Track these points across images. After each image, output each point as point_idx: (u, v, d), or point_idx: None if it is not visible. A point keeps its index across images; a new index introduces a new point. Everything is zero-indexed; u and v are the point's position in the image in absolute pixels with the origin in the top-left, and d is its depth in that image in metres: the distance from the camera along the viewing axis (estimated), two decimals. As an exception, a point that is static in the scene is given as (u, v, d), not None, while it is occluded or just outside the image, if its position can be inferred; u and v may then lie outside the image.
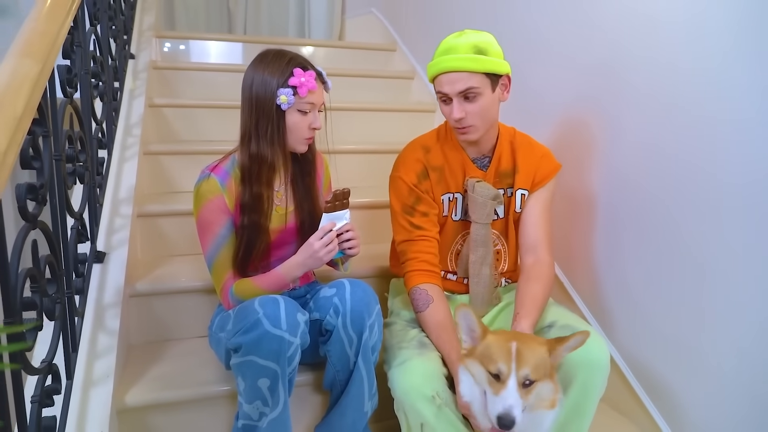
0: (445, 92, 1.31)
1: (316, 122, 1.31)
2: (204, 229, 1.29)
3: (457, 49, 1.29)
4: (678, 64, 1.40)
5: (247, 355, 1.12)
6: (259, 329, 1.11)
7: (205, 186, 1.28)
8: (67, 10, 1.20)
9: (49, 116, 1.11)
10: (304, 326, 1.16)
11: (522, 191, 1.44)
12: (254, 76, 1.27)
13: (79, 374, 1.26)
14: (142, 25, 2.76)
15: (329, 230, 1.25)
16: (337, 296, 1.25)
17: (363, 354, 1.25)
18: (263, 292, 1.27)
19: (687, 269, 1.39)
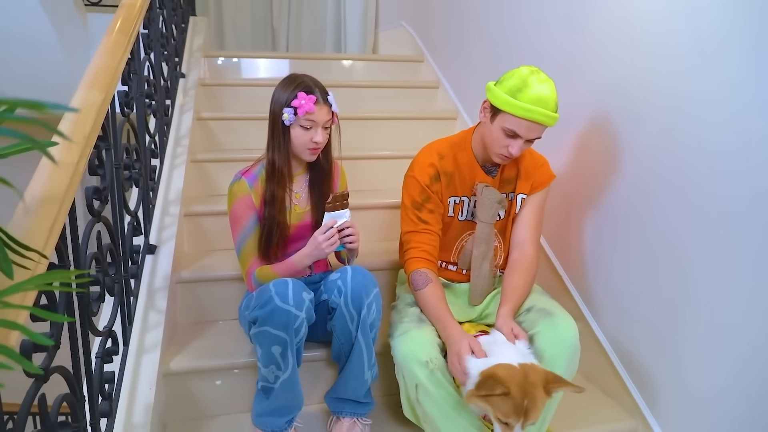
0: (519, 134, 1.42)
1: (317, 137, 1.50)
2: (234, 222, 1.55)
3: (547, 104, 1.38)
4: (679, 84, 1.50)
5: (262, 326, 1.36)
6: (271, 304, 1.34)
7: (236, 187, 1.54)
8: (124, 47, 1.48)
9: (110, 133, 1.40)
10: (309, 303, 1.39)
11: (522, 195, 1.61)
12: (274, 96, 1.52)
13: (134, 343, 1.54)
14: (192, 46, 3.10)
15: (330, 226, 1.46)
16: (340, 279, 1.46)
17: (362, 329, 1.46)
18: (278, 277, 1.49)
19: (667, 266, 1.52)
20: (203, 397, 1.63)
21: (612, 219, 1.75)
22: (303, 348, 1.46)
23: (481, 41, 2.64)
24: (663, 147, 1.53)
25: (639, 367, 1.64)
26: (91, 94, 1.26)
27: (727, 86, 1.32)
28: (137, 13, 1.65)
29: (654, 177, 1.56)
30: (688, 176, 1.44)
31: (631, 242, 1.66)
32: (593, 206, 1.85)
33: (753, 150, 1.26)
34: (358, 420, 1.55)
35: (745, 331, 1.29)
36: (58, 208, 0.99)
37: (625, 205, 1.69)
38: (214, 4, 4.40)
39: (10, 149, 0.76)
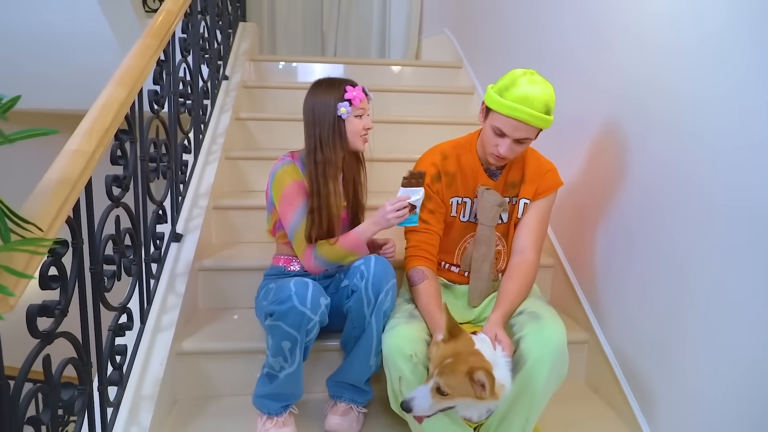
0: (506, 133, 1.44)
1: (369, 123, 1.61)
2: (288, 203, 1.58)
3: (532, 104, 1.39)
4: (686, 88, 1.49)
5: (277, 321, 1.42)
6: (288, 303, 1.40)
7: (290, 169, 1.59)
8: (154, 50, 1.62)
9: (136, 127, 1.53)
10: (324, 308, 1.44)
11: (525, 200, 1.61)
12: (313, 102, 1.59)
13: (151, 321, 1.67)
14: (239, 50, 3.27)
15: (403, 200, 1.48)
16: (364, 265, 1.51)
17: (376, 314, 1.50)
18: (342, 251, 1.56)
19: (673, 280, 1.48)
20: (213, 377, 1.73)
21: (623, 229, 1.72)
22: (311, 345, 1.52)
23: (510, 48, 2.65)
24: (672, 154, 1.50)
25: (641, 382, 1.60)
26: (116, 91, 1.39)
27: (734, 90, 1.28)
28: (172, 19, 1.79)
29: (662, 185, 1.53)
30: (695, 184, 1.40)
31: (640, 254, 1.63)
32: (605, 215, 1.83)
33: (761, 157, 1.22)
34: (354, 407, 1.60)
35: (747, 351, 1.24)
36: (69, 191, 1.11)
37: (634, 214, 1.66)
38: (268, 11, 4.60)
39: (16, 135, 0.88)
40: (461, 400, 1.21)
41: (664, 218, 1.52)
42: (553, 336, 1.33)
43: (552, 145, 2.13)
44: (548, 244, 2.19)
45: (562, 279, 2.06)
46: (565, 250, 2.08)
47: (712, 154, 1.34)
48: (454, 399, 1.21)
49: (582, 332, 1.89)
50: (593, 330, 1.83)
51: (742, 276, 1.24)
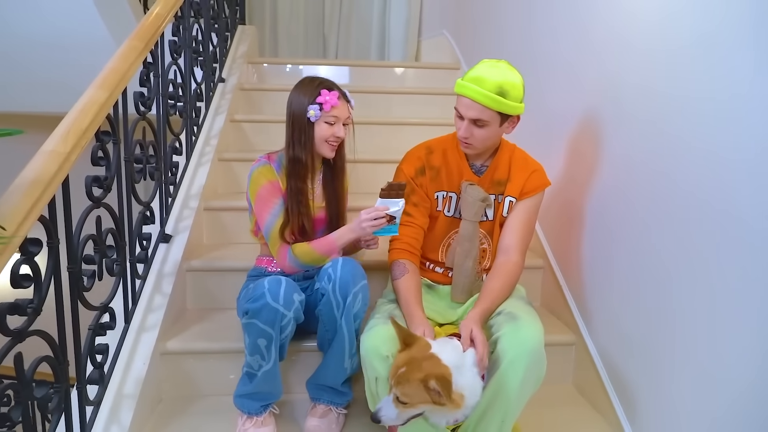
0: (460, 112, 1.50)
1: (339, 132, 1.61)
2: (263, 204, 1.59)
3: (483, 83, 1.43)
4: (658, 87, 1.50)
5: (252, 318, 1.44)
6: (262, 300, 1.41)
7: (264, 170, 1.61)
8: (139, 52, 1.63)
9: (119, 129, 1.55)
10: (298, 305, 1.45)
11: (510, 198, 1.62)
12: (293, 98, 1.61)
13: (136, 321, 1.68)
14: (237, 53, 3.29)
15: (379, 210, 1.47)
16: (331, 267, 1.52)
17: (346, 317, 1.51)
18: (316, 254, 1.57)
19: (655, 283, 1.47)
20: (198, 377, 1.74)
21: (605, 229, 1.71)
22: (288, 344, 1.53)
23: (504, 50, 2.64)
24: (646, 151, 1.48)
25: (625, 385, 1.58)
26: (96, 93, 1.41)
27: (719, 92, 1.27)
28: (160, 22, 1.81)
29: (640, 185, 1.52)
30: (675, 184, 1.39)
31: (623, 255, 1.61)
32: (589, 215, 1.82)
33: (743, 157, 1.21)
34: (333, 408, 1.61)
35: (731, 356, 1.22)
36: (42, 191, 1.12)
37: (615, 215, 1.65)
38: (270, 14, 4.63)
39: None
40: (423, 407, 1.20)
41: (645, 220, 1.50)
42: (529, 337, 1.32)
43: (544, 145, 2.13)
44: (538, 245, 2.18)
45: (551, 280, 2.05)
46: (554, 250, 2.06)
47: (694, 155, 1.33)
48: (416, 407, 1.20)
49: (570, 334, 1.87)
50: (580, 332, 1.81)
51: (724, 279, 1.22)
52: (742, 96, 1.17)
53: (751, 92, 1.14)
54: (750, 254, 1.14)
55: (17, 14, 2.82)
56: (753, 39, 1.14)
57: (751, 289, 1.13)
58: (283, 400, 1.72)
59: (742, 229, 1.16)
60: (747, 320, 1.15)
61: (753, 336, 1.13)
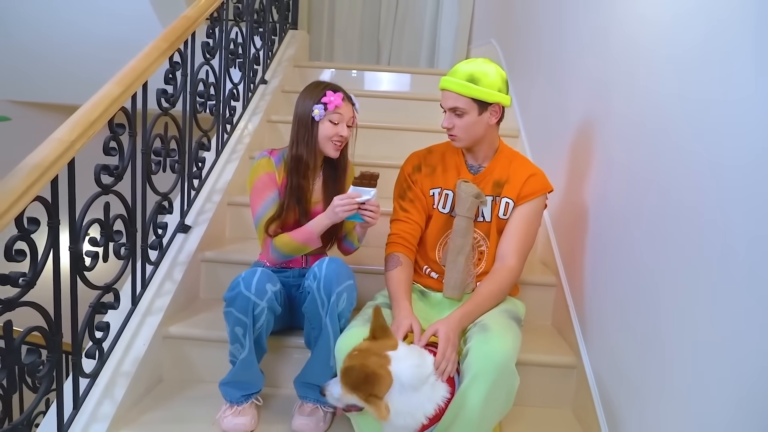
0: (442, 104, 1.57)
1: (343, 131, 1.66)
2: (257, 194, 1.68)
3: (455, 73, 1.54)
4: (654, 92, 1.43)
5: (228, 307, 1.51)
6: (237, 289, 1.49)
7: (263, 162, 1.69)
8: (161, 52, 1.74)
9: (136, 122, 1.65)
10: (271, 294, 1.51)
11: (507, 200, 1.62)
12: (300, 99, 1.69)
13: (144, 304, 1.79)
14: (283, 56, 3.41)
15: (352, 196, 1.55)
16: (317, 266, 1.56)
17: (330, 315, 1.53)
18: (295, 243, 1.63)
19: (647, 304, 1.39)
20: (197, 363, 1.82)
21: (605, 247, 1.63)
22: (266, 336, 1.58)
23: (541, 59, 2.58)
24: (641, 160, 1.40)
25: (616, 415, 1.50)
26: (111, 88, 1.52)
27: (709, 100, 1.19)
28: (188, 24, 1.92)
29: (630, 193, 1.44)
30: (666, 191, 1.31)
31: (621, 275, 1.53)
32: (594, 231, 1.74)
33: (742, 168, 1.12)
34: (320, 407, 1.63)
35: (719, 392, 1.14)
36: (40, 174, 1.22)
37: (613, 233, 1.58)
38: (328, 19, 4.75)
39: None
40: (354, 399, 1.21)
41: (638, 239, 1.42)
42: (496, 350, 1.28)
43: (571, 153, 2.06)
44: (551, 261, 2.11)
45: (561, 299, 1.98)
46: (565, 267, 1.99)
47: (690, 168, 1.25)
48: (349, 395, 1.21)
49: (572, 356, 1.79)
50: (580, 355, 1.74)
51: (709, 309, 1.14)
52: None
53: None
54: (740, 293, 1.05)
55: (86, 15, 3.08)
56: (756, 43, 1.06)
57: (737, 326, 1.05)
58: (274, 394, 1.77)
59: (736, 262, 1.08)
60: (728, 354, 1.06)
61: (733, 370, 1.05)
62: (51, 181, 1.29)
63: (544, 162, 2.35)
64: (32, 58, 3.49)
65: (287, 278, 1.75)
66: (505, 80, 1.56)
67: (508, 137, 2.84)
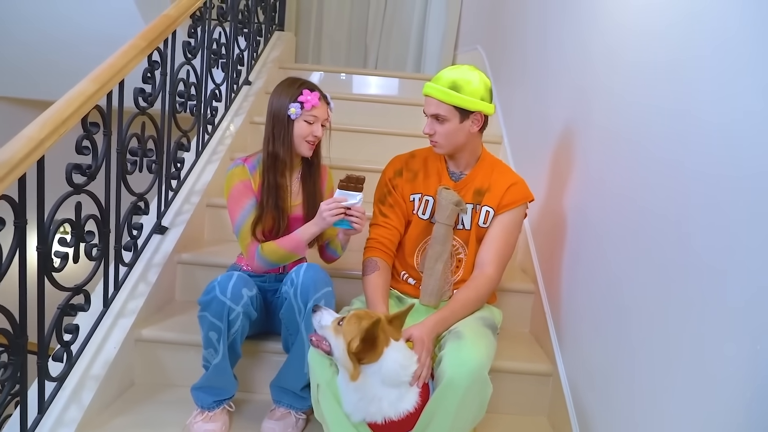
0: (424, 111, 1.57)
1: (318, 131, 1.66)
2: (235, 202, 1.65)
3: (439, 80, 1.53)
4: (631, 102, 1.44)
5: (203, 311, 1.50)
6: (212, 293, 1.48)
7: (237, 170, 1.67)
8: (139, 50, 1.71)
9: (111, 121, 1.63)
10: (247, 299, 1.49)
11: (487, 208, 1.61)
12: (275, 96, 1.67)
13: (116, 306, 1.75)
14: (269, 57, 3.39)
15: (338, 201, 1.53)
16: (294, 272, 1.55)
17: (306, 322, 1.52)
18: (283, 251, 1.60)
19: (618, 316, 1.39)
20: (169, 367, 1.79)
21: (580, 254, 1.63)
22: (241, 341, 1.56)
23: (527, 67, 2.58)
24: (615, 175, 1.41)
25: (590, 425, 1.50)
26: (86, 86, 1.49)
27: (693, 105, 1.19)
28: (168, 23, 1.89)
29: (605, 203, 1.44)
30: (639, 201, 1.31)
31: (595, 283, 1.54)
32: (569, 237, 1.75)
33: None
34: (293, 412, 1.61)
35: (688, 411, 1.14)
36: (7, 172, 1.19)
37: (586, 241, 1.58)
38: (316, 22, 4.73)
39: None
40: (342, 344, 1.26)
41: (612, 250, 1.42)
42: (470, 358, 1.27)
43: (552, 161, 2.07)
44: (530, 268, 2.11)
45: (539, 306, 1.98)
46: (543, 274, 1.99)
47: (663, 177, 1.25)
48: (340, 336, 1.26)
49: (547, 364, 1.79)
50: (556, 363, 1.74)
51: (681, 321, 1.14)
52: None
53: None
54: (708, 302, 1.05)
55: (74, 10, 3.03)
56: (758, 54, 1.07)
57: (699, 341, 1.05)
58: (248, 399, 1.74)
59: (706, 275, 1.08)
60: (698, 362, 1.06)
61: (704, 377, 1.05)
62: (18, 179, 1.26)
63: (525, 169, 2.35)
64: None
65: (264, 283, 1.73)
66: (488, 88, 1.55)
67: (492, 143, 2.85)
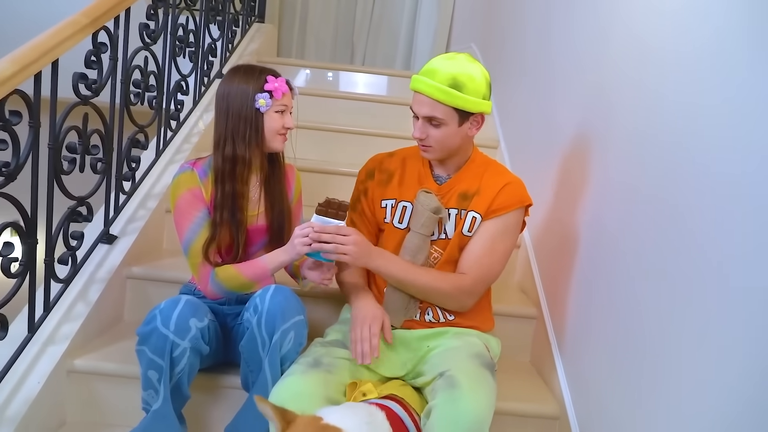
0: (413, 110, 1.31)
1: (290, 121, 1.42)
2: (182, 214, 1.39)
3: (435, 75, 1.27)
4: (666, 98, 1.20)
5: (141, 345, 1.24)
6: (152, 324, 1.22)
7: (184, 177, 1.41)
8: (79, 28, 1.44)
9: (39, 111, 1.35)
10: (196, 332, 1.23)
11: (474, 214, 1.37)
12: (229, 88, 1.39)
13: (46, 331, 1.48)
14: (246, 50, 3.12)
15: (313, 226, 1.27)
16: (259, 297, 1.29)
17: (271, 358, 1.27)
18: (243, 279, 1.36)
19: (642, 355, 1.16)
20: (107, 403, 1.52)
21: (596, 274, 1.40)
22: (188, 380, 1.30)
23: (527, 65, 2.35)
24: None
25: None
26: (4, 66, 1.22)
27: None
28: (119, 0, 1.62)
29: (631, 215, 1.20)
30: (673, 214, 1.07)
31: (611, 307, 1.30)
32: (581, 254, 1.52)
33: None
34: (249, 464, 1.34)
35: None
36: None
37: (604, 259, 1.35)
38: (300, 16, 4.47)
39: None
40: None
41: (637, 272, 1.18)
42: (466, 414, 1.03)
43: (559, 166, 1.84)
44: (532, 289, 1.86)
45: (542, 333, 1.73)
46: (547, 296, 1.75)
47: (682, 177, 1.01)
48: None
49: (553, 405, 1.54)
50: (564, 404, 1.49)
51: (715, 354, 0.90)
52: None
53: None
54: None
55: None
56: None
57: None
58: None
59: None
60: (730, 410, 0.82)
61: None
62: None
63: (526, 177, 2.09)
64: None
65: (221, 305, 1.47)
66: (489, 83, 1.32)
67: (487, 148, 2.60)
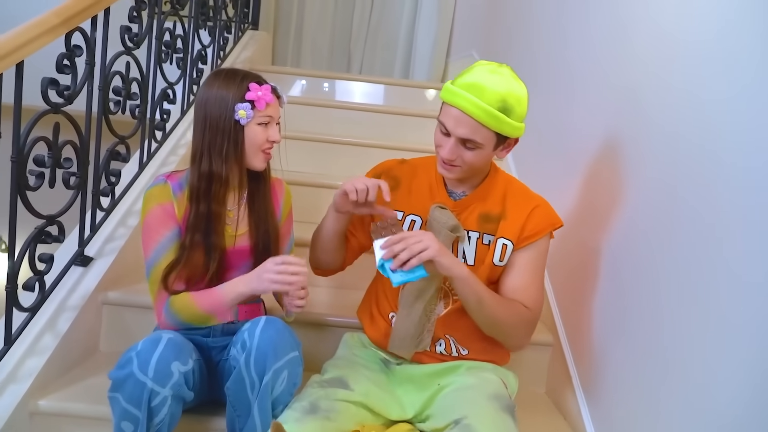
0: (447, 127, 1.15)
1: (275, 135, 1.26)
2: (149, 233, 1.25)
3: (482, 93, 1.11)
4: (696, 99, 1.06)
5: (114, 392, 1.08)
6: (127, 369, 1.06)
7: (157, 190, 1.27)
8: (47, 29, 1.29)
9: None
10: (179, 377, 1.08)
11: (505, 241, 1.22)
12: (208, 95, 1.24)
13: (7, 367, 1.31)
14: (239, 57, 2.99)
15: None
16: (248, 331, 1.14)
17: (261, 402, 1.11)
18: (197, 311, 1.21)
19: (678, 382, 1.01)
20: (77, 449, 1.35)
21: (621, 298, 1.27)
22: (169, 429, 1.13)
23: (537, 72, 2.23)
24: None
25: None
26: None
27: None
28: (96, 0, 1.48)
29: (665, 233, 1.06)
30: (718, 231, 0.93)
31: (639, 333, 1.17)
32: (603, 276, 1.38)
33: None
34: None
35: None
36: None
37: (630, 281, 1.21)
38: (296, 24, 4.35)
39: None
40: None
41: (669, 294, 1.04)
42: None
43: (565, 184, 1.70)
44: (547, 314, 1.71)
45: (559, 361, 1.58)
46: (565, 322, 1.60)
47: None
48: None
49: (574, 441, 1.39)
50: None
51: None
52: None
53: None
54: None
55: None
56: None
57: None
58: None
59: None
60: None
61: None
62: None
63: (536, 189, 1.98)
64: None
65: (205, 338, 1.31)
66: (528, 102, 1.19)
67: (492, 160, 2.48)
